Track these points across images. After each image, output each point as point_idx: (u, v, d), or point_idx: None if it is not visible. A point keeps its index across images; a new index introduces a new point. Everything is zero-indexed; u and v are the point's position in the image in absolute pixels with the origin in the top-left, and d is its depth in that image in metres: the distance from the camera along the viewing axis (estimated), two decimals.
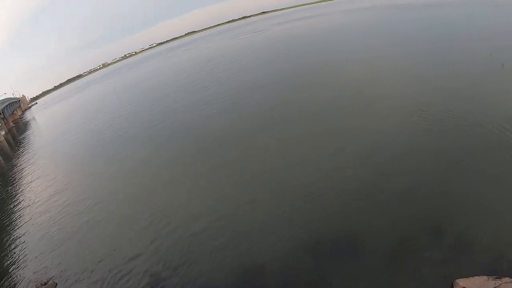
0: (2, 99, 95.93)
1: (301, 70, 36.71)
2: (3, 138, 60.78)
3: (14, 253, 16.73)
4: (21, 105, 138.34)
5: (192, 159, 21.38)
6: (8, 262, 16.02)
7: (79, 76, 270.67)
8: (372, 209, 12.42)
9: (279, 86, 32.20)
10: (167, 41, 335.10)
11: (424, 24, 51.20)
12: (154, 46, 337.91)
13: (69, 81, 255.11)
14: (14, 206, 23.53)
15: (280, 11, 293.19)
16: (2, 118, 76.78)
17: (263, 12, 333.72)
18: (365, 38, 48.78)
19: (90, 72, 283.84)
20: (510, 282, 8.52)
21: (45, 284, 13.19)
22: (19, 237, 18.32)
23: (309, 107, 24.50)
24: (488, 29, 37.61)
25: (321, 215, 12.71)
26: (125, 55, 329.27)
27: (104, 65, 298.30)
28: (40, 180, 27.40)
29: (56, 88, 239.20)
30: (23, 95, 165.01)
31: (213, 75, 49.17)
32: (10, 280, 14.46)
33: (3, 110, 78.34)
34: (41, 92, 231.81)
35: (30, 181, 28.35)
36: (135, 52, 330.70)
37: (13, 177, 32.00)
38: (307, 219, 12.68)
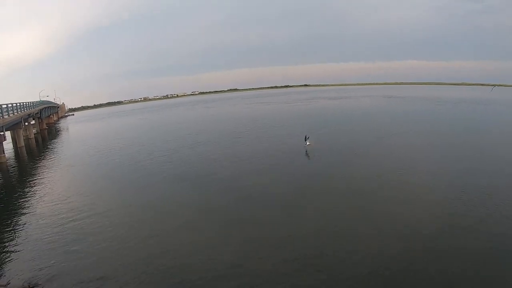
0: (43, 101, 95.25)
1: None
2: (33, 135, 57.91)
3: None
4: (59, 111, 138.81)
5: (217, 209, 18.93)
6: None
7: (119, 102, 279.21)
8: None
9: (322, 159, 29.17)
10: (209, 92, 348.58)
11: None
12: (196, 94, 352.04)
13: (109, 104, 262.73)
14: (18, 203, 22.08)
15: (322, 87, 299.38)
16: (38, 118, 74.73)
17: (305, 85, 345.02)
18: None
19: (130, 101, 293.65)
20: None
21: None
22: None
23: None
24: None
25: None
26: (167, 95, 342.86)
27: (145, 99, 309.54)
28: (51, 186, 25.83)
29: (95, 106, 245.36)
30: (63, 102, 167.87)
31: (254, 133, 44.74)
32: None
33: (41, 110, 76.66)
34: (80, 106, 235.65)
35: (41, 183, 26.98)
36: (177, 95, 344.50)
37: (28, 176, 30.65)
38: None
